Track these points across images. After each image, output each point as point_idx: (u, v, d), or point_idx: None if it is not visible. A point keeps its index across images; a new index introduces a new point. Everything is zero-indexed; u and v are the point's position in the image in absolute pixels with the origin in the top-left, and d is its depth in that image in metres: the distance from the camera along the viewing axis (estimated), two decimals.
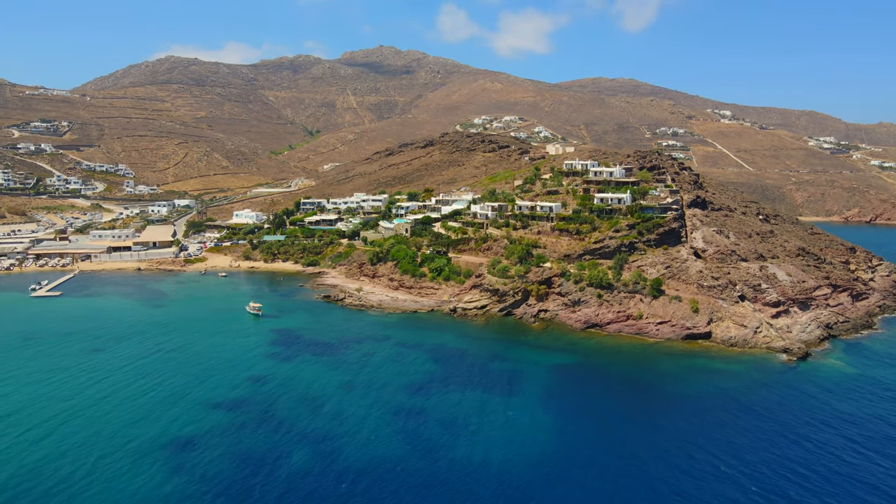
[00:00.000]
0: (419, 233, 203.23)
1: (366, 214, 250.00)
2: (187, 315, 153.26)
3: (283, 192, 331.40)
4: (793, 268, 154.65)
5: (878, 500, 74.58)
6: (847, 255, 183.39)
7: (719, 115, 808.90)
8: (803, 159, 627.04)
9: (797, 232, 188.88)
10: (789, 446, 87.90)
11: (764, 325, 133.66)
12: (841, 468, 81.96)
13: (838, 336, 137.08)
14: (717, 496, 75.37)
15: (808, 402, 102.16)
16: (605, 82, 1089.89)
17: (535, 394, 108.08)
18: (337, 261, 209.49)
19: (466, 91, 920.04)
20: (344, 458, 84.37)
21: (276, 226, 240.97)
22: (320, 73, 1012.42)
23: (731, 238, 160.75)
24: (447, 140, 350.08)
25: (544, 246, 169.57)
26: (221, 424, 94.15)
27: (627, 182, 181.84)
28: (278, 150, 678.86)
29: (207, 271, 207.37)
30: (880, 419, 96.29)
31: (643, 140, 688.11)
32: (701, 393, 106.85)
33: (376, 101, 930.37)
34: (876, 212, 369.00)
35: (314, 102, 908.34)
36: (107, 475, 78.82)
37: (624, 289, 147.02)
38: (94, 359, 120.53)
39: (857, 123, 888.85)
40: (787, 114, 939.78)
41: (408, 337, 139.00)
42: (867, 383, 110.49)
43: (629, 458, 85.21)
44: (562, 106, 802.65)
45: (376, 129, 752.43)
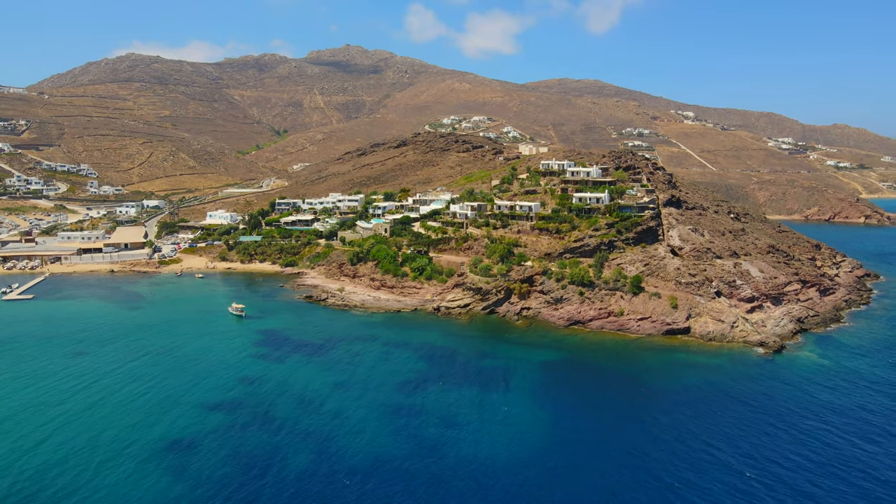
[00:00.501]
0: (399, 232, 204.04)
1: (342, 214, 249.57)
2: (169, 317, 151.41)
3: (255, 193, 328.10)
4: (764, 264, 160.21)
5: (864, 483, 78.56)
6: (813, 252, 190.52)
7: (682, 117, 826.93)
8: (763, 159, 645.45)
9: (766, 230, 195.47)
10: (778, 434, 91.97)
11: (740, 319, 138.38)
12: (828, 453, 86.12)
13: (809, 330, 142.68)
14: (716, 482, 78.68)
15: (790, 393, 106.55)
16: (570, 83, 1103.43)
17: (528, 389, 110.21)
18: (315, 261, 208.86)
19: (435, 91, 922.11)
20: (350, 457, 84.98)
21: (252, 226, 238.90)
22: (287, 72, 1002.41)
23: (706, 236, 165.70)
24: (420, 140, 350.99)
25: (525, 245, 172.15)
26: (221, 426, 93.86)
27: (604, 182, 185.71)
28: (245, 150, 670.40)
29: (184, 273, 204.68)
30: (860, 407, 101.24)
31: (610, 140, 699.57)
32: (687, 385, 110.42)
33: (344, 101, 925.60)
34: (834, 210, 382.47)
35: (281, 102, 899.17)
36: (112, 479, 78.21)
37: (605, 286, 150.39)
38: (81, 362, 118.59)
39: (813, 125, 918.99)
40: (747, 115, 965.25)
41: (394, 336, 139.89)
42: (842, 374, 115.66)
43: (629, 448, 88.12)
44: (529, 106, 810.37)
45: (345, 129, 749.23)
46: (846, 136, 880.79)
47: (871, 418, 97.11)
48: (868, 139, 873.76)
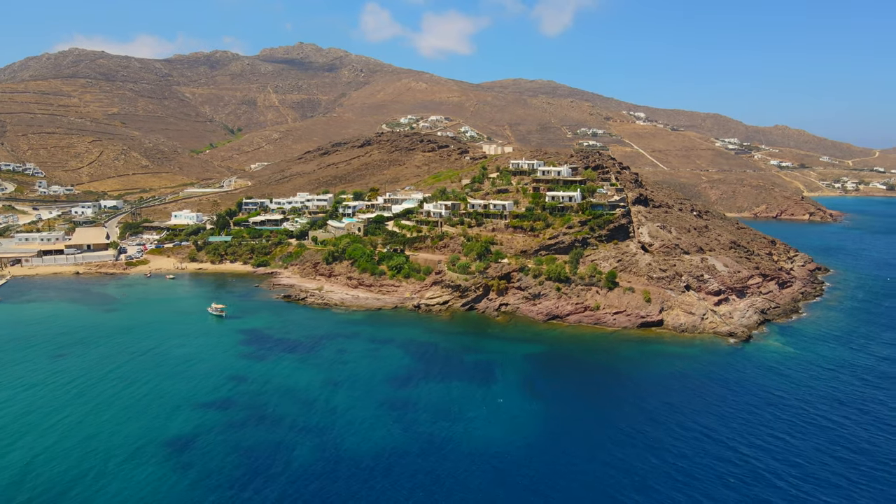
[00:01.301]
0: (373, 231, 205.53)
1: (311, 214, 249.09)
2: (148, 318, 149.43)
3: (218, 193, 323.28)
4: (728, 259, 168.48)
5: (843, 452, 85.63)
6: (769, 248, 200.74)
7: (634, 117, 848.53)
8: (711, 159, 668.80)
9: (727, 227, 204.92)
10: (760, 414, 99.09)
11: (709, 312, 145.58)
12: (808, 430, 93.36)
13: (772, 320, 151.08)
14: (715, 458, 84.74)
15: (763, 378, 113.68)
16: (524, 83, 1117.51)
17: (515, 381, 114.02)
18: (288, 261, 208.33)
19: (391, 90, 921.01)
20: (352, 450, 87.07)
21: (220, 226, 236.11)
22: (239, 69, 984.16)
23: (674, 233, 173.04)
24: (385, 139, 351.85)
25: (501, 243, 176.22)
26: (220, 424, 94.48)
27: (575, 181, 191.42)
28: (199, 149, 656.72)
29: (153, 274, 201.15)
30: (829, 388, 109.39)
31: (565, 140, 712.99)
32: (667, 374, 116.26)
33: (299, 100, 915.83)
34: (781, 208, 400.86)
35: (234, 100, 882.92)
36: (123, 475, 78.82)
37: (581, 282, 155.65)
38: (68, 365, 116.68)
39: (756, 126, 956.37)
40: (694, 116, 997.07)
41: (378, 333, 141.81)
42: (808, 360, 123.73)
43: (626, 431, 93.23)
44: (486, 106, 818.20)
45: (301, 128, 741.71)
46: (786, 136, 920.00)
47: (843, 398, 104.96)
48: (806, 140, 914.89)
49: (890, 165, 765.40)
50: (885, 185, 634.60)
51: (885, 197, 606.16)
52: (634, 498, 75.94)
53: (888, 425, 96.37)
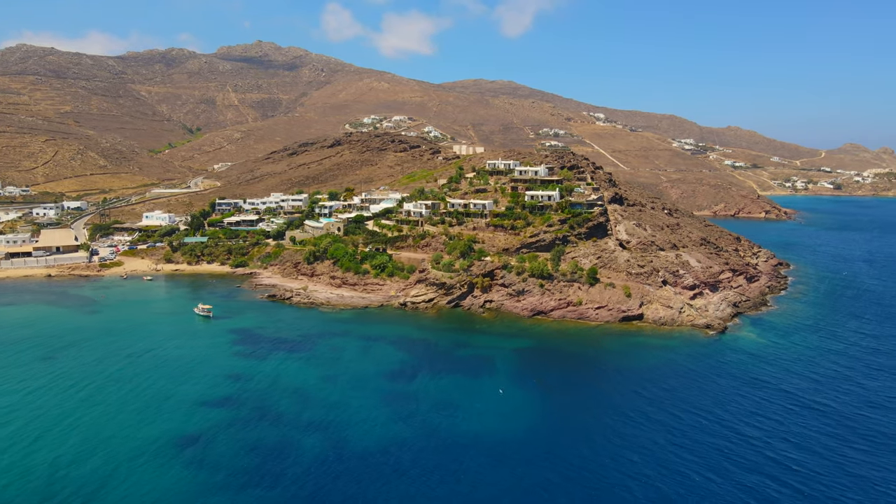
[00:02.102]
0: (353, 231, 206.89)
1: (287, 214, 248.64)
2: (134, 320, 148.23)
3: (187, 193, 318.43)
4: (700, 255, 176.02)
5: (823, 426, 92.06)
6: (735, 244, 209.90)
7: (594, 118, 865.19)
8: (669, 159, 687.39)
9: (696, 224, 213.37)
10: (743, 400, 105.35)
11: (686, 305, 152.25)
12: (787, 414, 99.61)
13: (744, 313, 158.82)
14: (708, 445, 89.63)
15: (742, 367, 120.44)
16: (485, 84, 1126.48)
17: (508, 374, 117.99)
18: (267, 261, 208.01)
19: (353, 90, 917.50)
20: (358, 442, 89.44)
21: (195, 227, 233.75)
22: (197, 67, 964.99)
23: (649, 230, 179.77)
24: (355, 140, 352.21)
25: (482, 241, 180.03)
26: (225, 421, 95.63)
27: (552, 180, 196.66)
28: (158, 149, 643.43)
29: (129, 275, 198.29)
30: (803, 375, 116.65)
31: (527, 140, 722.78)
32: (654, 364, 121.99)
33: (259, 99, 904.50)
34: (738, 206, 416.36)
35: (192, 99, 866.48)
36: (149, 474, 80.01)
37: (563, 278, 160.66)
38: (61, 367, 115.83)
39: (710, 126, 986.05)
40: (651, 117, 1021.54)
41: (368, 331, 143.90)
42: (783, 348, 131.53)
43: (622, 417, 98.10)
44: (448, 106, 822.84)
45: (263, 128, 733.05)
46: (739, 137, 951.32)
47: (818, 383, 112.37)
48: (757, 140, 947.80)
49: (835, 165, 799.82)
50: (832, 185, 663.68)
51: (832, 196, 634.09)
52: (644, 472, 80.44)
53: (867, 403, 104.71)
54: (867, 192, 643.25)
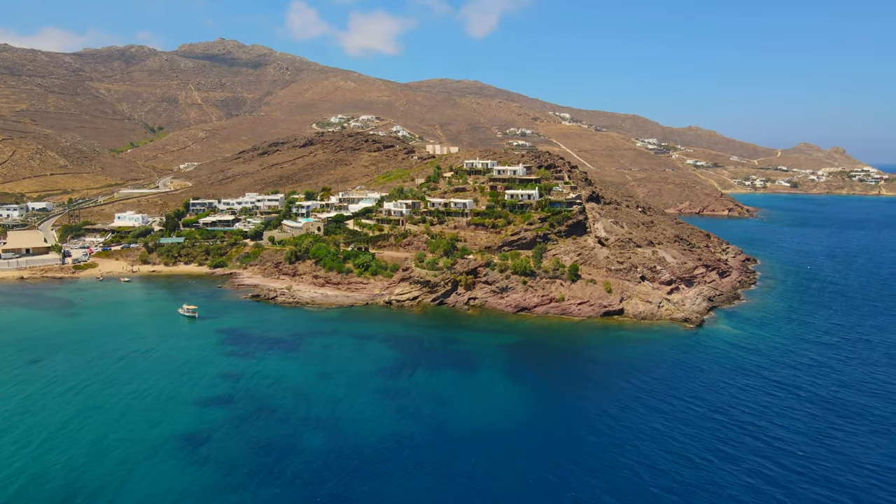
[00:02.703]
0: (334, 231, 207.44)
1: (263, 214, 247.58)
2: (117, 321, 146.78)
3: (157, 194, 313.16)
4: (675, 252, 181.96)
5: (804, 407, 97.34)
6: (706, 241, 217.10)
7: (560, 118, 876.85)
8: (633, 158, 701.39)
9: (668, 222, 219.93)
10: (729, 387, 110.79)
11: (664, 300, 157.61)
12: (771, 399, 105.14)
13: (718, 306, 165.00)
14: (703, 429, 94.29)
15: (723, 357, 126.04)
16: (451, 83, 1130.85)
17: (499, 369, 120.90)
18: (246, 261, 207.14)
19: (319, 89, 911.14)
20: (360, 437, 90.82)
21: (170, 228, 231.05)
22: (157, 65, 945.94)
23: (625, 228, 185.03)
24: (328, 139, 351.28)
25: (464, 239, 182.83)
26: (225, 419, 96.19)
27: (531, 179, 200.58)
28: (119, 149, 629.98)
29: (105, 277, 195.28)
30: (781, 363, 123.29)
31: (495, 140, 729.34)
32: (637, 356, 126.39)
33: (223, 98, 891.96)
34: (703, 204, 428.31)
35: (153, 97, 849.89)
36: (155, 471, 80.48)
37: (545, 275, 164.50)
38: (53, 369, 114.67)
39: (672, 127, 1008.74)
40: (614, 117, 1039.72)
41: (357, 329, 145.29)
42: (758, 340, 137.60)
43: (620, 406, 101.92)
44: (416, 106, 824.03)
45: (228, 127, 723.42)
46: (699, 137, 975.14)
47: (796, 370, 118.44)
48: (717, 140, 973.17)
49: (791, 164, 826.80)
50: (789, 183, 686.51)
51: (789, 193, 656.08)
52: (649, 456, 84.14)
53: (843, 385, 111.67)
54: (822, 190, 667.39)
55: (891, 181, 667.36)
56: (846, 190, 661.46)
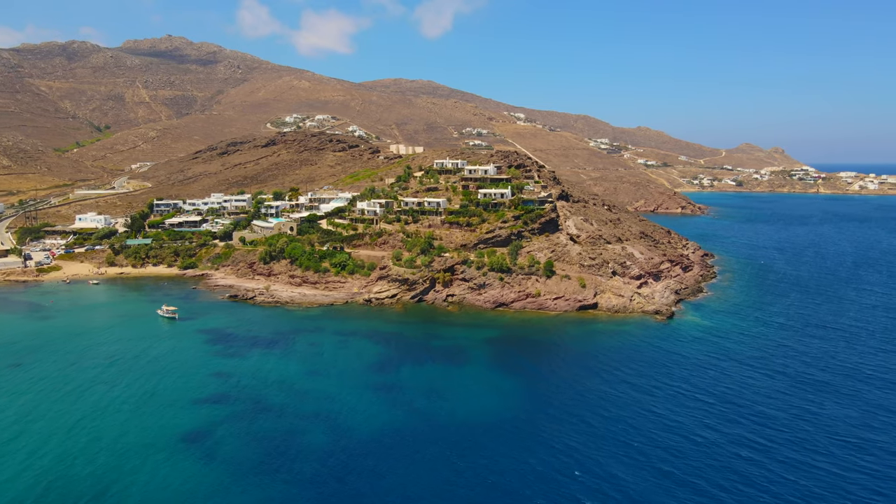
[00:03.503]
0: (307, 230, 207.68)
1: (231, 215, 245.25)
2: (94, 324, 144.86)
3: (116, 194, 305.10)
4: (642, 248, 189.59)
5: (778, 385, 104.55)
6: (667, 237, 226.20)
7: (515, 118, 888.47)
8: (587, 158, 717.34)
9: (632, 219, 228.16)
10: (708, 371, 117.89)
11: (635, 294, 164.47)
12: (748, 379, 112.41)
13: (684, 299, 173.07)
14: (693, 409, 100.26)
15: (697, 344, 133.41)
16: (405, 83, 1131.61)
17: (485, 361, 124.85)
18: (217, 262, 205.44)
19: (272, 88, 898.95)
20: (359, 430, 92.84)
21: (136, 229, 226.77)
22: (102, 62, 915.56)
23: (595, 225, 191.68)
24: (291, 139, 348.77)
25: (440, 238, 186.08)
26: (224, 417, 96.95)
27: (501, 179, 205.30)
28: (64, 148, 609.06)
29: (72, 280, 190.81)
30: (752, 347, 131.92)
31: (452, 139, 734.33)
32: (617, 347, 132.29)
33: (172, 96, 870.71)
34: (657, 202, 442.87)
35: (99, 95, 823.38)
36: (163, 467, 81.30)
37: (521, 271, 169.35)
38: (37, 372, 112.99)
39: (622, 127, 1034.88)
40: (567, 117, 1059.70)
41: (341, 326, 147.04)
42: (727, 328, 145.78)
43: (611, 391, 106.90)
44: (372, 105, 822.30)
45: (180, 126, 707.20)
46: (648, 137, 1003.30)
47: (766, 354, 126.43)
48: (665, 140, 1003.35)
49: (735, 164, 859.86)
50: (735, 182, 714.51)
51: (735, 192, 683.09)
52: (651, 434, 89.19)
53: (808, 365, 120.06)
54: (765, 189, 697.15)
55: (828, 180, 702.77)
56: (787, 188, 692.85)
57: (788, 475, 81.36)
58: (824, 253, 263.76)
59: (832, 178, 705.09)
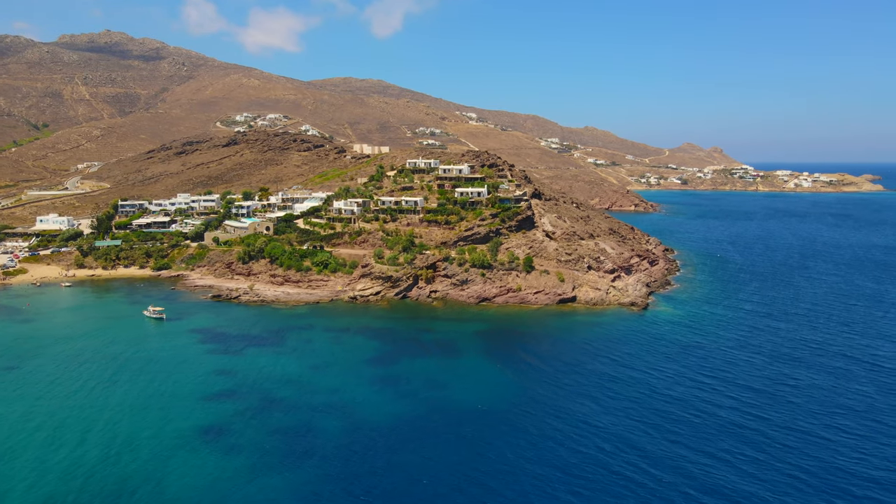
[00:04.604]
0: (283, 230, 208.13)
1: (200, 215, 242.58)
2: (79, 326, 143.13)
3: (74, 195, 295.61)
4: (612, 243, 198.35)
5: (756, 361, 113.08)
6: (632, 233, 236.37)
7: (467, 118, 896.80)
8: (539, 157, 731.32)
9: (600, 216, 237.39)
10: (690, 356, 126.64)
11: (611, 287, 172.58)
12: (729, 361, 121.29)
13: (655, 291, 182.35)
14: (684, 392, 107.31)
15: (675, 333, 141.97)
16: (355, 82, 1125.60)
17: (478, 353, 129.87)
18: (192, 262, 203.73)
19: (220, 86, 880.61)
20: (373, 421, 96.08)
21: (103, 230, 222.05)
22: (37, 57, 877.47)
23: (568, 222, 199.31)
24: (253, 139, 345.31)
25: (420, 236, 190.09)
26: (238, 411, 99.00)
27: (475, 178, 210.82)
28: (1, 147, 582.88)
29: (42, 283, 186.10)
30: (728, 331, 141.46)
31: (405, 139, 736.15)
32: (599, 337, 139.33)
33: (114, 93, 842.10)
34: (611, 200, 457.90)
35: (35, 92, 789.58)
36: (191, 459, 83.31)
37: (502, 267, 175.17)
38: (31, 375, 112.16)
39: (570, 127, 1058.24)
40: (516, 117, 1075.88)
41: (331, 323, 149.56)
42: (701, 317, 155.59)
43: (604, 378, 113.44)
44: (324, 105, 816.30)
45: (125, 125, 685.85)
46: (595, 137, 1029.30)
47: (741, 339, 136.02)
48: (612, 140, 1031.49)
49: (678, 163, 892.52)
50: (680, 180, 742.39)
51: (680, 190, 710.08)
52: (645, 418, 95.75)
53: (779, 344, 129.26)
54: (708, 187, 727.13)
55: (766, 178, 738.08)
56: (728, 186, 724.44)
57: (777, 434, 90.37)
58: (773, 246, 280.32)
59: (769, 177, 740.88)
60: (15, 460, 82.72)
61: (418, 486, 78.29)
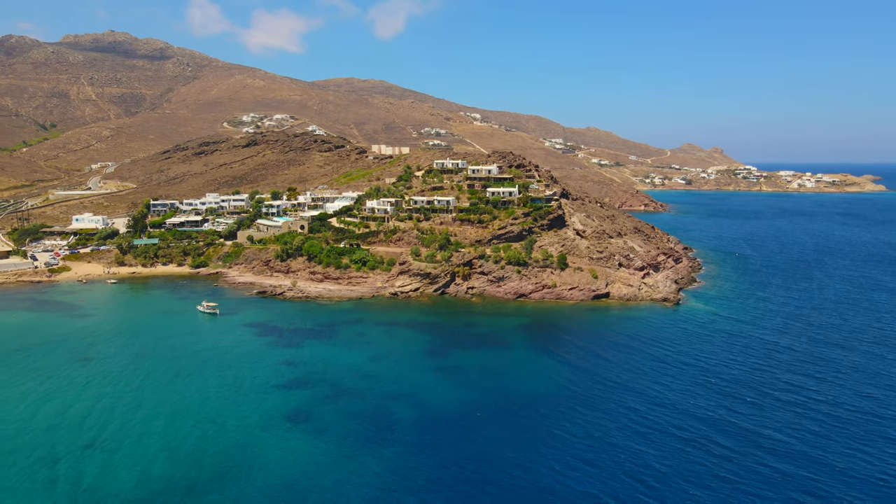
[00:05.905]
0: (318, 228, 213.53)
1: (230, 214, 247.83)
2: (136, 320, 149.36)
3: (102, 195, 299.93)
4: (639, 241, 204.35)
5: (799, 348, 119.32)
6: (653, 232, 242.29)
7: (472, 118, 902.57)
8: (544, 158, 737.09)
9: (623, 216, 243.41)
10: (731, 348, 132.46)
11: (642, 284, 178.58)
12: (767, 349, 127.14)
13: (683, 288, 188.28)
14: (729, 380, 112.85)
15: (711, 326, 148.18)
16: (358, 83, 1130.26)
17: (526, 344, 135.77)
18: (228, 260, 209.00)
19: (225, 86, 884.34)
20: (444, 407, 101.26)
21: (139, 229, 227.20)
22: (43, 57, 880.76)
23: (596, 221, 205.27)
24: (273, 139, 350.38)
25: (454, 234, 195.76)
26: (314, 398, 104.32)
27: (505, 178, 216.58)
28: (11, 147, 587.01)
29: (87, 280, 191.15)
30: (762, 327, 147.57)
31: (411, 139, 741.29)
32: (639, 330, 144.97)
33: (120, 93, 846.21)
34: (621, 200, 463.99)
35: (42, 92, 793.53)
36: (284, 439, 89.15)
37: (536, 264, 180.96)
38: (104, 366, 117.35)
39: (573, 127, 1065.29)
40: (519, 117, 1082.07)
41: (379, 318, 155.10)
42: (733, 312, 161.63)
43: (655, 365, 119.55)
44: (330, 105, 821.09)
45: (133, 125, 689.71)
46: (598, 137, 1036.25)
47: (769, 333, 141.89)
48: (614, 140, 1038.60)
49: (681, 163, 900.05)
50: (684, 180, 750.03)
51: (685, 190, 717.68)
52: (699, 404, 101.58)
53: (816, 334, 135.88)
54: (712, 187, 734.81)
55: (769, 178, 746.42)
56: (732, 186, 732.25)
57: (833, 410, 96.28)
58: (787, 243, 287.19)
59: (773, 177, 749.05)
60: (144, 441, 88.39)
61: (515, 468, 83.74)
